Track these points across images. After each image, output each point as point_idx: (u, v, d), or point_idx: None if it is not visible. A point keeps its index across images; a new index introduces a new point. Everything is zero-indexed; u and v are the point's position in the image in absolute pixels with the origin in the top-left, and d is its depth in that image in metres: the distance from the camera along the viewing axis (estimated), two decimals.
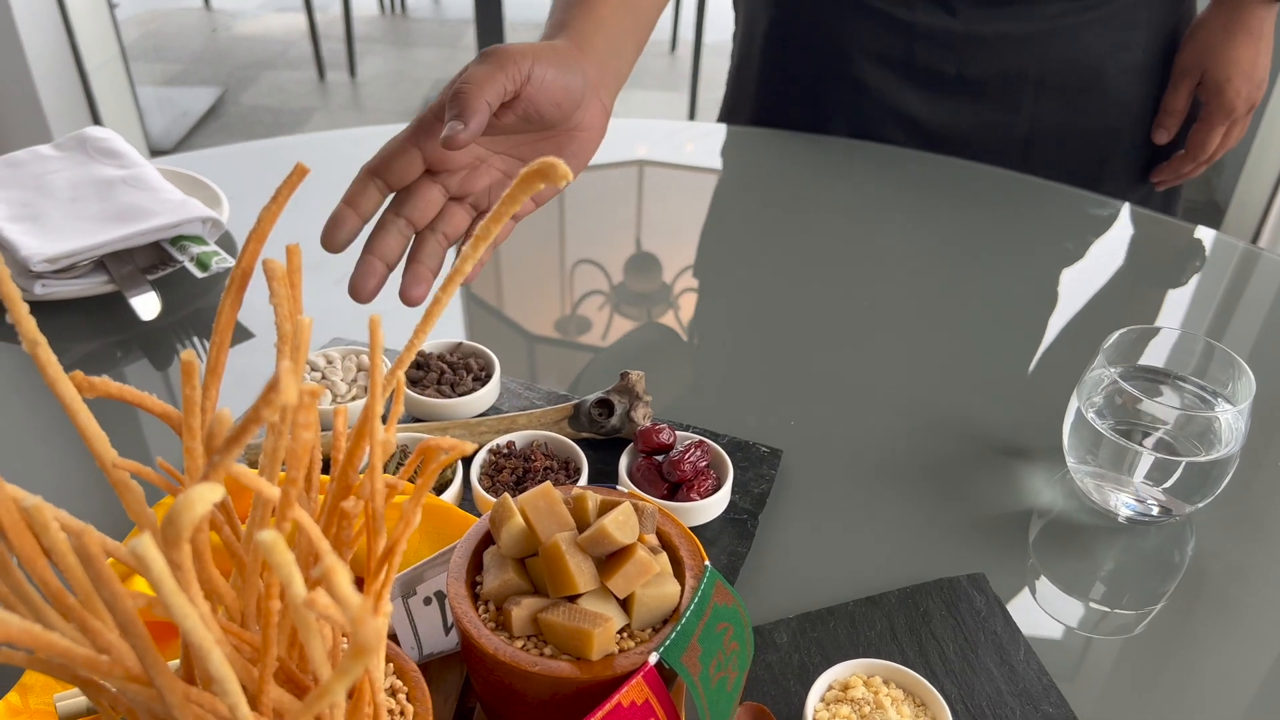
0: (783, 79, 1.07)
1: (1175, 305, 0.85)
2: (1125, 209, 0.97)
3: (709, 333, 0.84)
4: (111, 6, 2.47)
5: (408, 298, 0.56)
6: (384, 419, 0.34)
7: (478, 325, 0.83)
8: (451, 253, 0.63)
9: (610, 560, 0.42)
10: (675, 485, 0.60)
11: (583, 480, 0.61)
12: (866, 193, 1.00)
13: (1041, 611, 0.57)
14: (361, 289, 0.55)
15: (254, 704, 0.31)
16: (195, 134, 2.99)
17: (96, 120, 2.36)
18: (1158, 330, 0.64)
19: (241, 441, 0.26)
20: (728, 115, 1.16)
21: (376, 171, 0.55)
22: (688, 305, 0.86)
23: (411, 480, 0.37)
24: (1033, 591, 0.59)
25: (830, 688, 0.49)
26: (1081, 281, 0.87)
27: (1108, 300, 0.85)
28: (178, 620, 0.24)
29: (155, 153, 2.75)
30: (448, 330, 0.81)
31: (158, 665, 0.27)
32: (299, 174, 0.34)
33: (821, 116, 1.06)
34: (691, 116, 3.02)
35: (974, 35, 0.96)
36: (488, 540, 0.45)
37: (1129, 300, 0.86)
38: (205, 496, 0.23)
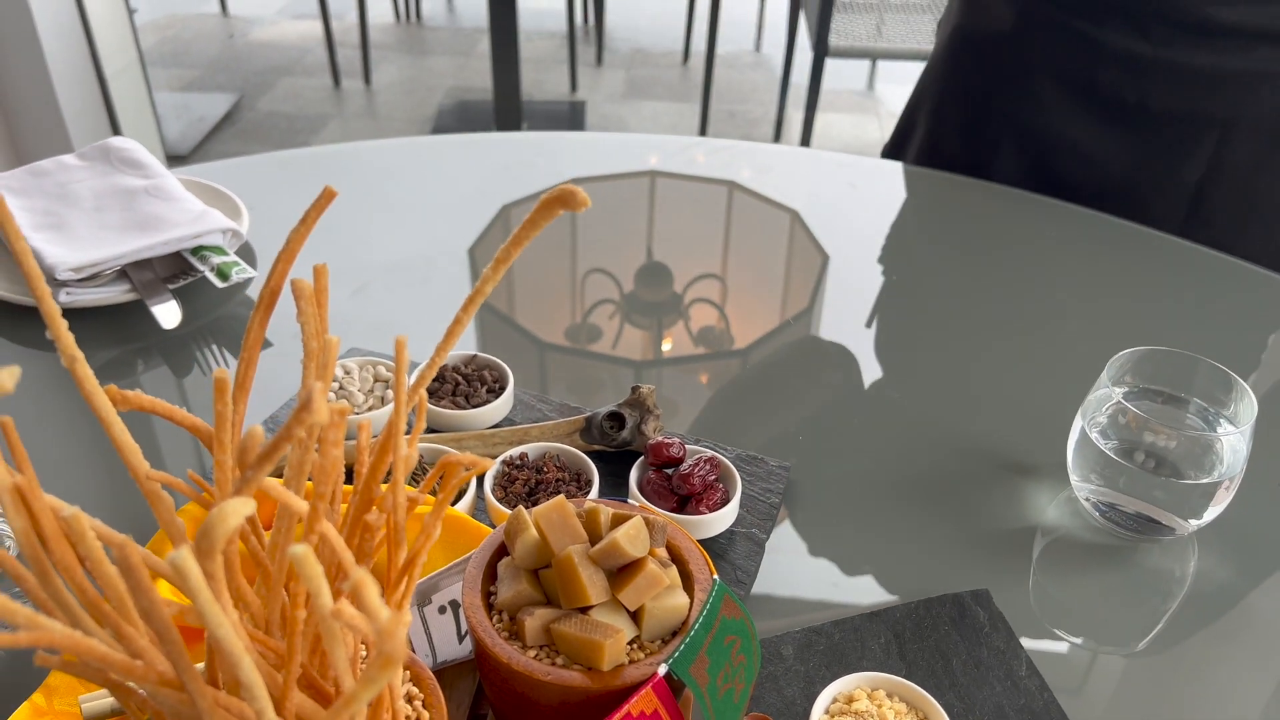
0: (958, 94, 1.05)
1: (1178, 326, 0.86)
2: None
3: (718, 345, 0.85)
4: (130, 12, 2.49)
5: None
6: (406, 433, 0.35)
7: (490, 335, 0.84)
8: (473, 271, 0.63)
9: (621, 573, 0.43)
10: (684, 498, 0.61)
11: (594, 492, 0.62)
12: (895, 216, 1.01)
13: (1044, 628, 0.58)
14: None
15: (278, 709, 0.32)
16: (211, 139, 3.01)
17: (114, 125, 2.39)
18: (1162, 351, 0.64)
19: (273, 459, 0.27)
20: (896, 145, 1.15)
21: None
22: (698, 316, 0.87)
23: (432, 494, 0.38)
24: (1036, 608, 0.59)
25: (834, 700, 0.50)
26: (1087, 301, 0.88)
27: (1112, 320, 0.86)
28: (212, 629, 0.25)
29: (171, 158, 2.78)
30: (462, 342, 0.82)
31: (190, 671, 0.28)
32: (327, 198, 0.36)
33: (990, 132, 1.03)
34: (703, 126, 3.04)
35: (1164, 63, 0.89)
36: (502, 551, 0.46)
37: (1133, 321, 0.87)
38: (239, 510, 0.25)
